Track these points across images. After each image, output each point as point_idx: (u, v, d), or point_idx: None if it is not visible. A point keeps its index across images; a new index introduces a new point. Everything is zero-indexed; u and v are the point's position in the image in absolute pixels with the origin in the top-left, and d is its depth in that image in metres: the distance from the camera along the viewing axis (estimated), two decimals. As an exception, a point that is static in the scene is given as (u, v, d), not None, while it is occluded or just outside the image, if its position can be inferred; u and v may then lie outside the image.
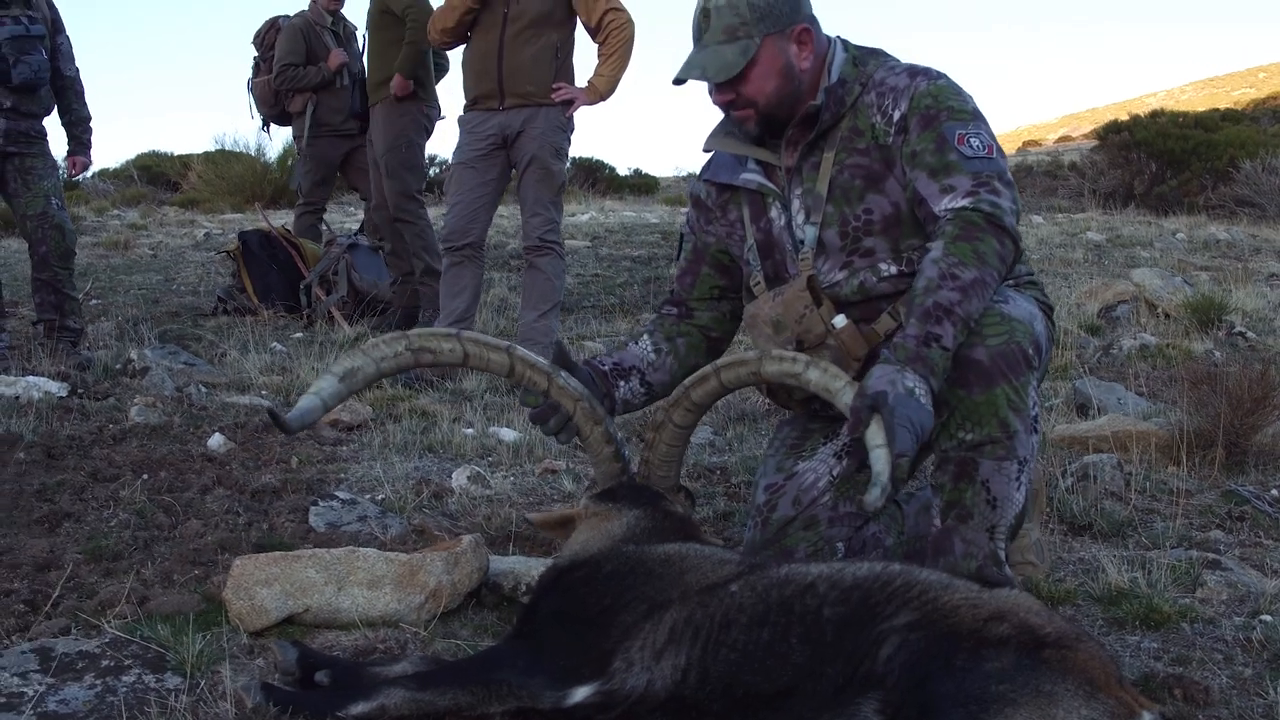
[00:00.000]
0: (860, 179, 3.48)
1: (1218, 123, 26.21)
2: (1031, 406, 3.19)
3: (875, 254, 3.50)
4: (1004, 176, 3.29)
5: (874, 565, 2.60)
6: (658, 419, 3.44)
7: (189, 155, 27.35)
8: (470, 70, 7.48)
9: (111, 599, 3.44)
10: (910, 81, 3.45)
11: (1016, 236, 3.25)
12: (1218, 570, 3.83)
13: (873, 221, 3.48)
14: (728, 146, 3.73)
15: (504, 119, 7.37)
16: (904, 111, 3.41)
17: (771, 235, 3.67)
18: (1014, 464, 3.16)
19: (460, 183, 7.53)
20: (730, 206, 3.80)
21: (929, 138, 3.33)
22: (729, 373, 3.25)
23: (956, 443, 3.17)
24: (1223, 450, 5.02)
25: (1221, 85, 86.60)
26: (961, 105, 3.38)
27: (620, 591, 2.79)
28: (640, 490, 3.40)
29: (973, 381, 3.13)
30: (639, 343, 3.86)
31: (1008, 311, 3.19)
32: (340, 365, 3.22)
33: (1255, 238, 15.69)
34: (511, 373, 3.35)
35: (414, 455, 5.36)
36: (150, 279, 11.79)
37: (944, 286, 3.07)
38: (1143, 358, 7.42)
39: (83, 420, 5.78)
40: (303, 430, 3.41)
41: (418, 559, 3.40)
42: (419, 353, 3.28)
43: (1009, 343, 3.13)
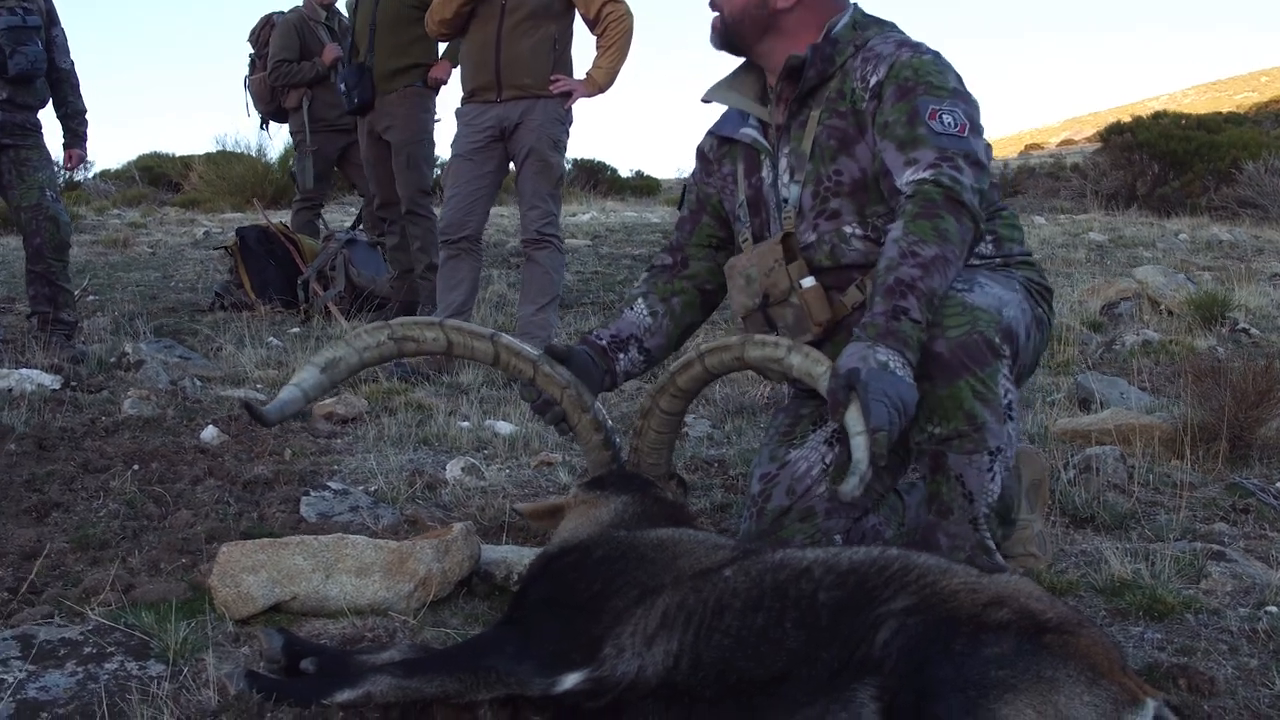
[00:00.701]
0: (835, 140, 3.46)
1: (1220, 124, 26.20)
2: (1003, 395, 3.13)
3: (841, 216, 3.49)
4: (971, 156, 3.23)
5: (870, 550, 2.54)
6: (645, 405, 3.40)
7: (190, 156, 27.37)
8: (468, 62, 7.43)
9: (96, 586, 3.39)
10: (895, 50, 3.42)
11: (976, 214, 3.19)
12: (1222, 562, 3.77)
13: (842, 183, 3.47)
14: (728, 100, 3.74)
15: (501, 111, 7.32)
16: (880, 78, 3.38)
17: (761, 192, 3.66)
18: (984, 455, 3.12)
19: (458, 175, 7.48)
20: (725, 160, 3.79)
21: (902, 109, 3.30)
22: (713, 358, 3.20)
23: (927, 436, 3.15)
24: (1226, 444, 4.97)
25: (1224, 89, 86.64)
26: (941, 81, 3.33)
27: (611, 577, 2.73)
28: (629, 477, 3.36)
29: (935, 375, 3.09)
30: (634, 308, 3.82)
31: (970, 300, 3.14)
32: (322, 356, 3.17)
33: (1258, 238, 15.65)
34: (496, 361, 3.30)
35: (409, 448, 5.31)
36: (148, 276, 11.75)
37: (904, 263, 3.03)
38: (1145, 353, 7.38)
39: (75, 412, 5.73)
40: (282, 421, 3.36)
41: (407, 546, 3.34)
42: (402, 342, 3.23)
43: (970, 333, 3.08)
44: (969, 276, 3.20)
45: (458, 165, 7.50)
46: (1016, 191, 26.72)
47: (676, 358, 3.40)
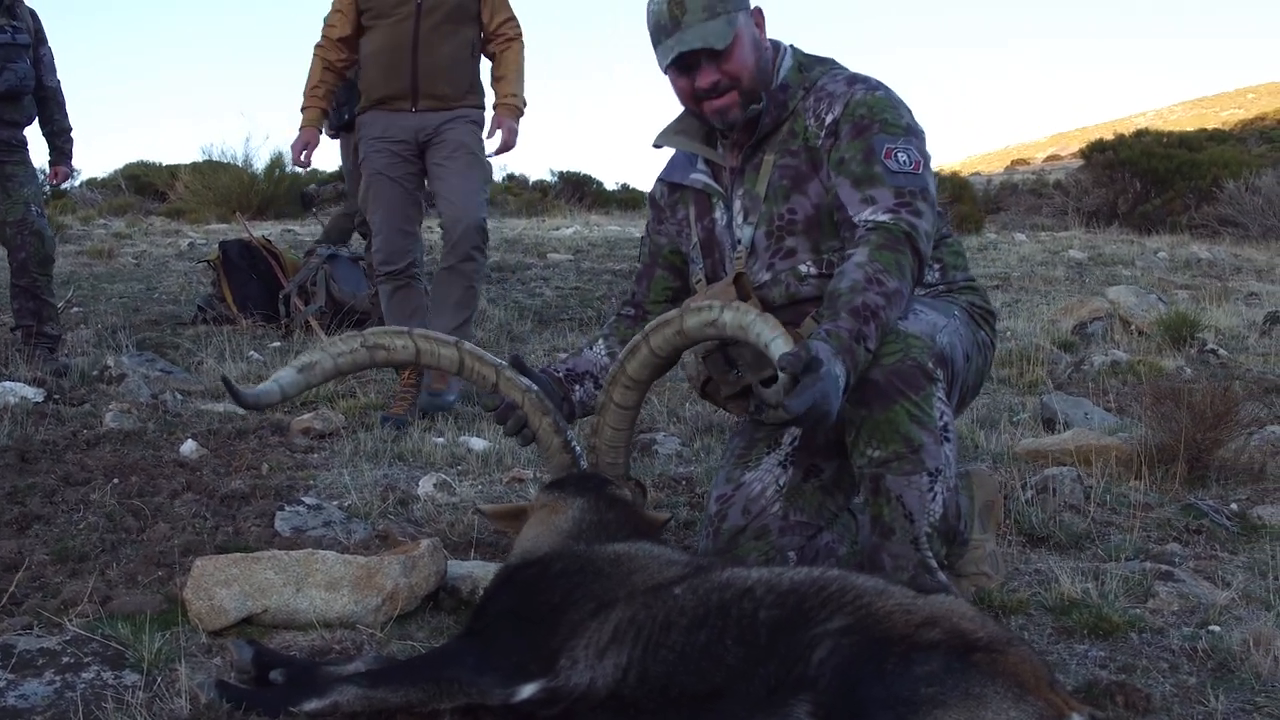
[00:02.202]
0: (788, 179, 3.57)
1: (1202, 143, 26.47)
2: (939, 418, 3.25)
3: (796, 254, 3.59)
4: (926, 194, 3.37)
5: (812, 570, 2.64)
6: (600, 400, 3.51)
7: (177, 165, 27.44)
8: (375, 65, 6.62)
9: (74, 598, 3.50)
10: (848, 89, 3.52)
11: (925, 260, 3.34)
12: (1170, 581, 3.87)
13: (795, 221, 3.58)
14: (678, 144, 3.82)
15: (417, 121, 6.58)
16: (836, 116, 3.49)
17: (714, 234, 3.75)
18: (923, 476, 3.24)
19: (383, 197, 6.66)
20: (679, 205, 3.89)
21: (858, 146, 3.41)
22: (656, 337, 3.31)
23: (867, 460, 3.26)
24: (1184, 465, 5.07)
25: (1210, 105, 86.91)
26: (895, 119, 3.44)
27: (569, 590, 2.84)
28: (587, 478, 3.47)
29: (872, 401, 3.21)
30: (594, 348, 3.93)
31: (904, 328, 3.25)
32: (300, 359, 3.34)
33: (1237, 257, 15.80)
34: (461, 367, 3.44)
35: (384, 463, 5.40)
36: (132, 288, 11.82)
37: (870, 289, 3.14)
38: (1113, 374, 7.47)
39: (58, 425, 5.82)
40: (257, 408, 3.51)
41: (375, 562, 3.45)
42: (374, 350, 3.39)
43: (903, 360, 3.20)
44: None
45: (380, 186, 6.66)
46: (999, 208, 26.91)
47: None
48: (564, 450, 3.51)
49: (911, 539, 3.24)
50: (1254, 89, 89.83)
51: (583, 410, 3.84)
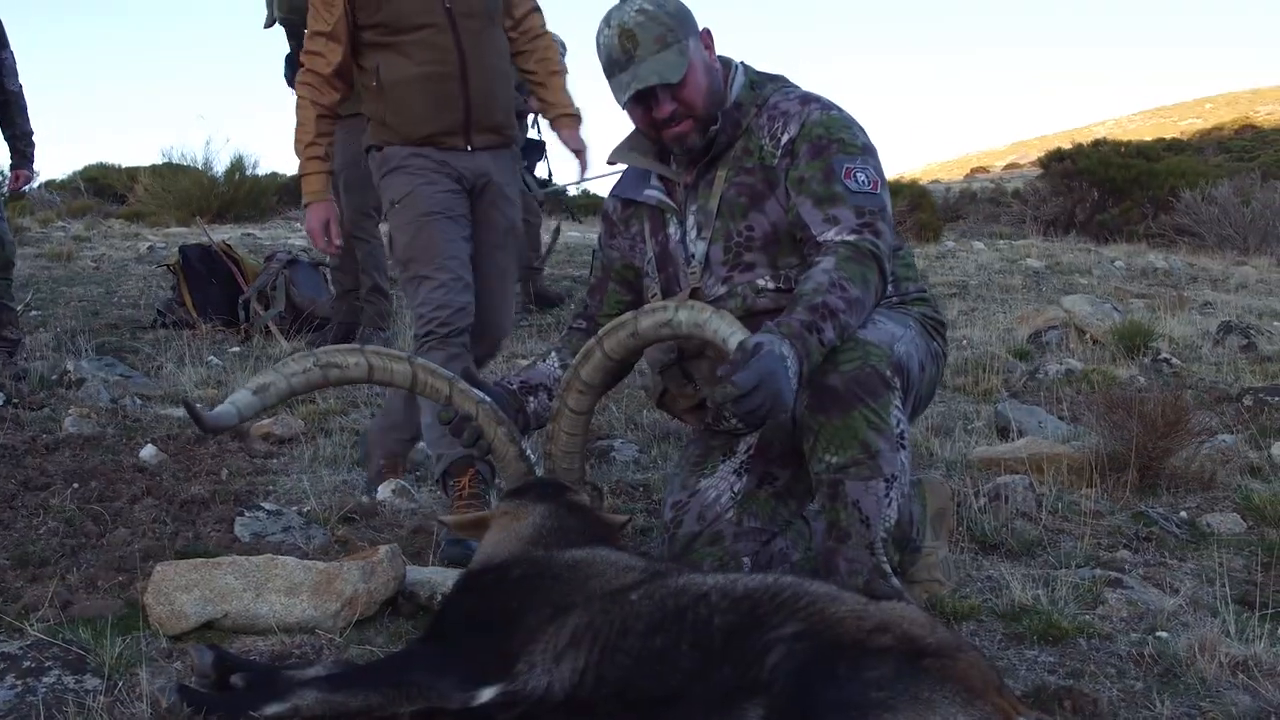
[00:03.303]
0: (745, 197, 3.64)
1: (1159, 152, 26.71)
2: (895, 425, 3.32)
3: (755, 268, 3.66)
4: (885, 213, 3.46)
5: (766, 577, 2.70)
6: (554, 407, 3.56)
7: (136, 168, 27.31)
8: (411, 96, 4.92)
9: (35, 603, 3.52)
10: (802, 108, 3.59)
11: (887, 277, 3.44)
12: (1119, 588, 3.94)
13: (754, 238, 3.64)
14: (631, 160, 3.88)
15: (473, 165, 5.00)
16: (793, 136, 3.56)
17: (668, 249, 3.81)
18: (880, 482, 3.30)
19: (439, 240, 4.89)
20: (633, 221, 3.95)
21: (817, 166, 3.48)
22: (610, 340, 3.38)
23: (825, 466, 3.32)
24: (1136, 473, 5.14)
25: (1169, 115, 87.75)
26: (852, 139, 3.52)
27: (527, 595, 2.88)
28: (545, 485, 3.51)
29: (830, 407, 3.28)
30: (546, 360, 3.97)
31: (863, 337, 3.33)
32: (255, 380, 3.36)
33: (1193, 266, 15.97)
34: (414, 382, 3.47)
35: (343, 469, 5.43)
36: (91, 291, 11.76)
37: (833, 293, 3.23)
38: (1068, 382, 7.55)
39: (16, 430, 5.82)
40: (217, 432, 3.53)
41: (335, 567, 3.49)
42: (327, 369, 3.40)
43: (862, 367, 3.27)
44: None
45: (438, 227, 4.90)
46: (958, 216, 27.07)
47: None
48: (519, 459, 3.55)
49: (867, 544, 3.29)
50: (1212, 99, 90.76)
51: (538, 421, 3.88)
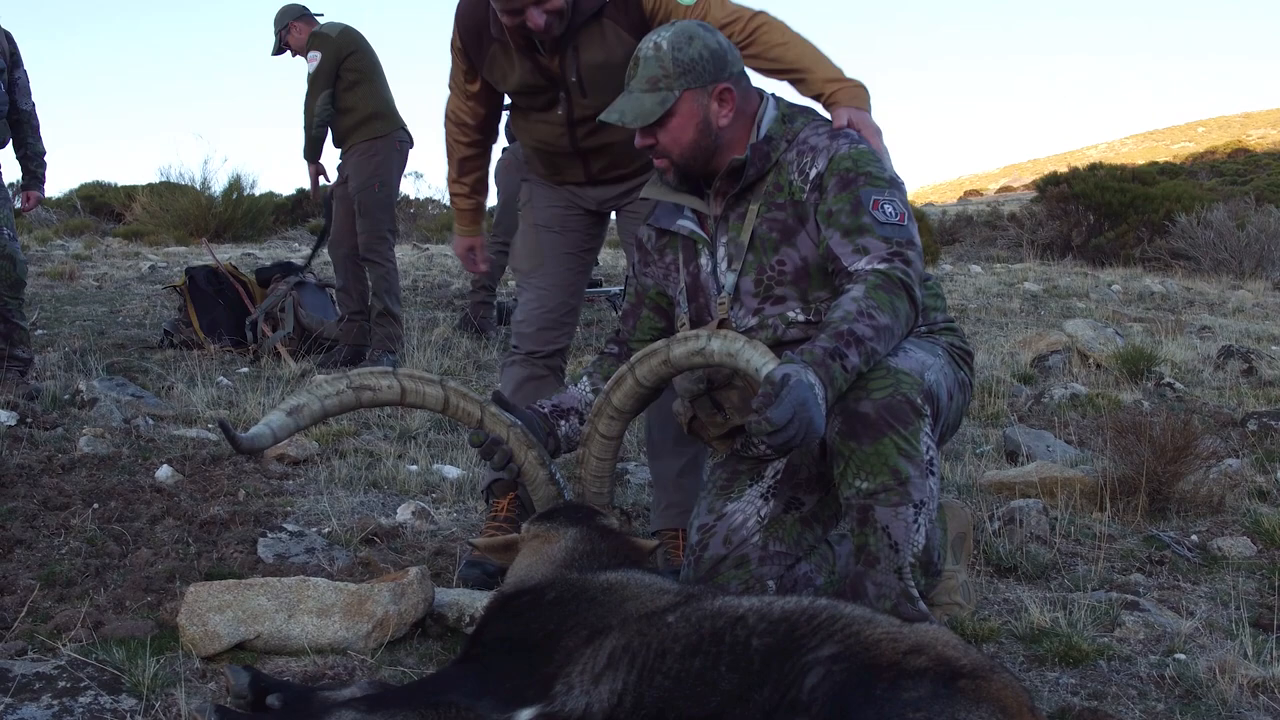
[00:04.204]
0: (777, 232, 3.68)
1: (1154, 177, 26.84)
2: (925, 451, 3.35)
3: (786, 301, 3.70)
4: (913, 243, 3.50)
5: (801, 600, 2.73)
6: (585, 432, 3.61)
7: (133, 186, 27.37)
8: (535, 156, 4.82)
9: (67, 623, 3.55)
10: (830, 142, 3.63)
11: (919, 306, 3.46)
12: (1136, 611, 3.99)
13: (785, 272, 3.68)
14: (663, 195, 3.92)
15: (599, 192, 4.78)
16: (821, 170, 3.60)
17: (699, 280, 3.85)
18: (909, 508, 3.32)
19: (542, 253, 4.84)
20: (667, 250, 3.99)
21: (845, 199, 3.52)
22: (642, 367, 3.44)
23: (855, 491, 3.34)
24: (1145, 497, 5.20)
25: (1161, 139, 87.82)
26: (879, 172, 3.56)
27: (563, 617, 2.92)
28: (576, 509, 3.55)
29: (861, 433, 3.30)
30: (578, 385, 4.01)
31: (894, 365, 3.36)
32: (289, 401, 3.40)
33: (1189, 290, 16.03)
34: (446, 406, 3.52)
35: (359, 490, 5.46)
36: (95, 310, 11.78)
37: (861, 321, 3.26)
38: (1073, 406, 7.60)
39: (32, 449, 5.84)
40: (251, 453, 3.56)
41: (366, 589, 3.52)
42: (359, 391, 3.45)
43: (894, 395, 3.30)
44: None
45: (541, 239, 4.83)
46: (954, 240, 27.16)
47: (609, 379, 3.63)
48: (549, 483, 3.59)
49: (895, 569, 3.33)
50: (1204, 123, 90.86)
51: (568, 445, 3.91)
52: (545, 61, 4.36)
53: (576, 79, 4.36)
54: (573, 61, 4.34)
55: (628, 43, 4.16)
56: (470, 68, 4.58)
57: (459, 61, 4.62)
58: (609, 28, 4.28)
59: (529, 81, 4.44)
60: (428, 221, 27.44)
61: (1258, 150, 52.50)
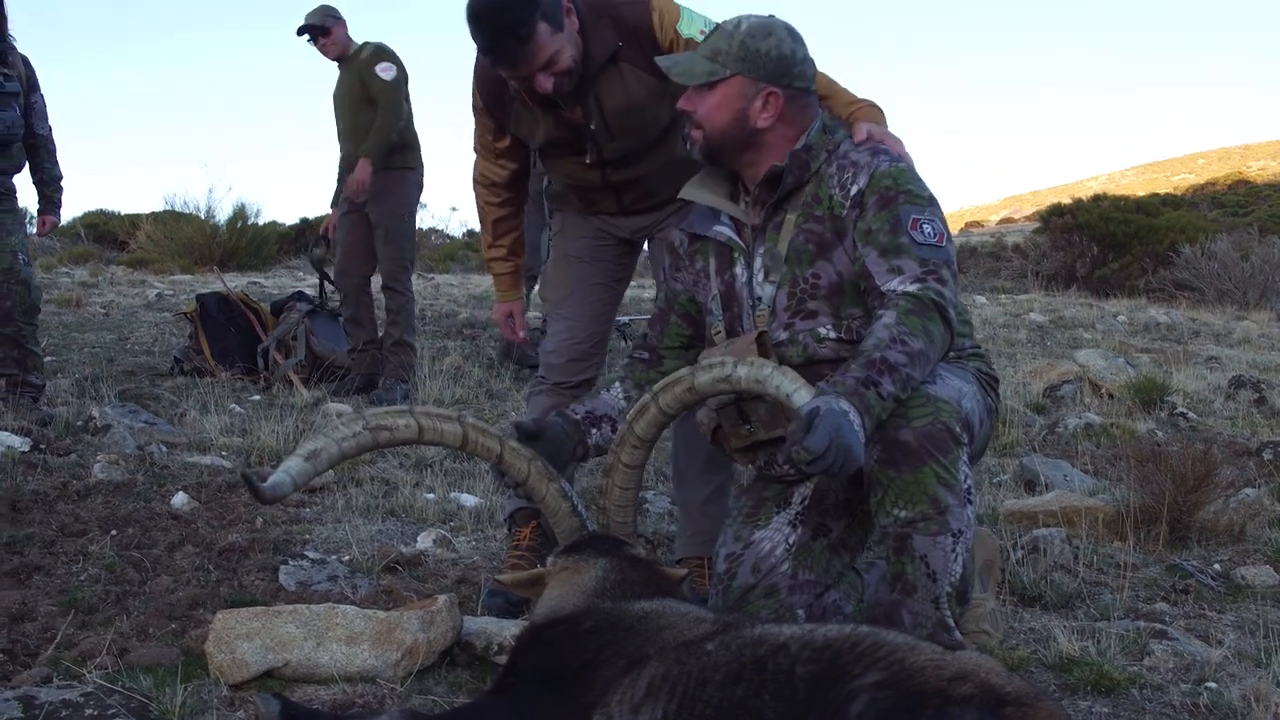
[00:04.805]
0: (813, 245, 3.64)
1: (1158, 207, 26.86)
2: (963, 480, 3.33)
3: (817, 316, 3.66)
4: (950, 265, 3.48)
5: (843, 627, 2.71)
6: (608, 462, 3.59)
7: (137, 215, 27.41)
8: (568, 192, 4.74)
9: (92, 650, 3.52)
10: (872, 159, 3.61)
11: (954, 328, 3.44)
12: (1164, 640, 3.97)
13: (819, 286, 3.65)
14: (702, 197, 3.88)
15: (630, 222, 4.73)
16: (862, 187, 3.57)
17: (734, 289, 3.82)
18: (948, 537, 3.30)
19: (570, 282, 4.78)
20: (698, 256, 3.95)
21: (884, 218, 3.49)
22: (666, 396, 3.41)
23: (892, 519, 3.31)
24: (1166, 526, 5.18)
25: (1161, 170, 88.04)
26: (919, 191, 3.54)
27: (600, 647, 2.89)
28: (602, 539, 3.51)
29: (901, 462, 3.28)
30: (610, 390, 3.99)
31: (933, 392, 3.33)
32: (306, 446, 3.31)
33: (1194, 321, 16.05)
34: (465, 442, 3.46)
35: (377, 519, 5.44)
36: (103, 337, 11.77)
37: (893, 348, 3.23)
38: (1087, 436, 7.59)
39: (46, 475, 5.82)
40: (274, 501, 3.52)
41: (395, 616, 3.49)
42: (376, 431, 3.38)
43: (934, 423, 3.28)
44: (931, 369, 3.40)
45: (572, 269, 4.78)
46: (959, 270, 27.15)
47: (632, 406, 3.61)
48: (572, 515, 3.56)
49: (933, 598, 3.30)
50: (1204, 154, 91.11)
51: (597, 453, 3.91)
52: (567, 113, 4.33)
53: (602, 125, 4.34)
54: (595, 109, 4.31)
55: (647, 82, 4.19)
56: (497, 125, 4.54)
57: (484, 121, 4.57)
58: (627, 70, 4.27)
59: (556, 135, 4.41)
60: (431, 251, 27.49)
61: (1258, 181, 52.65)
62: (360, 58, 9.12)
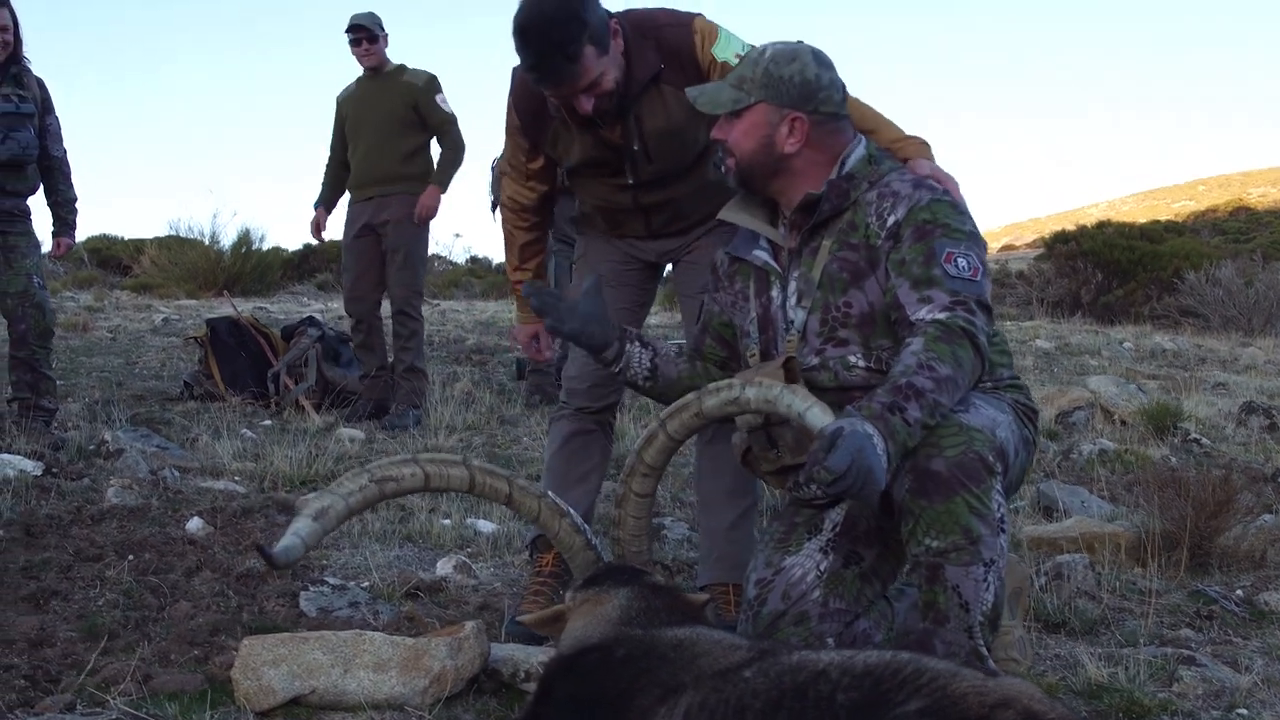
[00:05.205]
0: (847, 273, 3.63)
1: (1162, 234, 26.87)
2: (996, 509, 3.29)
3: (848, 344, 3.65)
4: (982, 300, 3.44)
5: (883, 653, 2.68)
6: (619, 492, 3.56)
7: (141, 240, 27.48)
8: (596, 215, 4.72)
9: (116, 676, 3.50)
10: (913, 191, 3.58)
11: (985, 355, 3.41)
12: (1193, 666, 3.94)
13: (850, 315, 3.63)
14: (741, 220, 3.88)
15: (658, 245, 4.70)
16: (899, 219, 3.55)
17: (769, 312, 3.82)
18: (980, 567, 3.27)
19: None
20: (737, 278, 3.95)
21: (919, 250, 3.47)
22: (674, 422, 3.40)
23: (924, 549, 3.28)
24: (1187, 552, 5.16)
25: (1162, 197, 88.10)
26: (959, 225, 3.51)
27: (635, 675, 2.85)
28: (620, 569, 3.47)
29: (932, 491, 3.24)
30: (670, 340, 4.05)
31: (966, 421, 3.30)
32: (313, 505, 3.23)
33: (1200, 347, 16.03)
34: (473, 485, 3.41)
35: (393, 545, 5.41)
36: (111, 361, 11.77)
37: (921, 374, 3.21)
38: (1102, 463, 7.57)
39: (60, 500, 5.80)
40: (287, 567, 3.49)
41: (423, 643, 3.47)
42: (383, 483, 3.30)
43: (966, 452, 3.24)
44: (964, 397, 3.37)
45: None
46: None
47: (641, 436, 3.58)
48: (586, 549, 3.52)
49: (966, 627, 3.27)
50: (1204, 181, 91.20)
51: (628, 373, 3.95)
52: (607, 134, 4.31)
53: (641, 147, 4.33)
54: (635, 131, 4.30)
55: (687, 106, 4.09)
56: (532, 146, 4.50)
57: (518, 142, 4.53)
58: (668, 93, 4.25)
59: (593, 155, 4.39)
60: (435, 278, 27.50)
61: (1259, 208, 52.76)
62: (401, 78, 9.09)
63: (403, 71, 9.13)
